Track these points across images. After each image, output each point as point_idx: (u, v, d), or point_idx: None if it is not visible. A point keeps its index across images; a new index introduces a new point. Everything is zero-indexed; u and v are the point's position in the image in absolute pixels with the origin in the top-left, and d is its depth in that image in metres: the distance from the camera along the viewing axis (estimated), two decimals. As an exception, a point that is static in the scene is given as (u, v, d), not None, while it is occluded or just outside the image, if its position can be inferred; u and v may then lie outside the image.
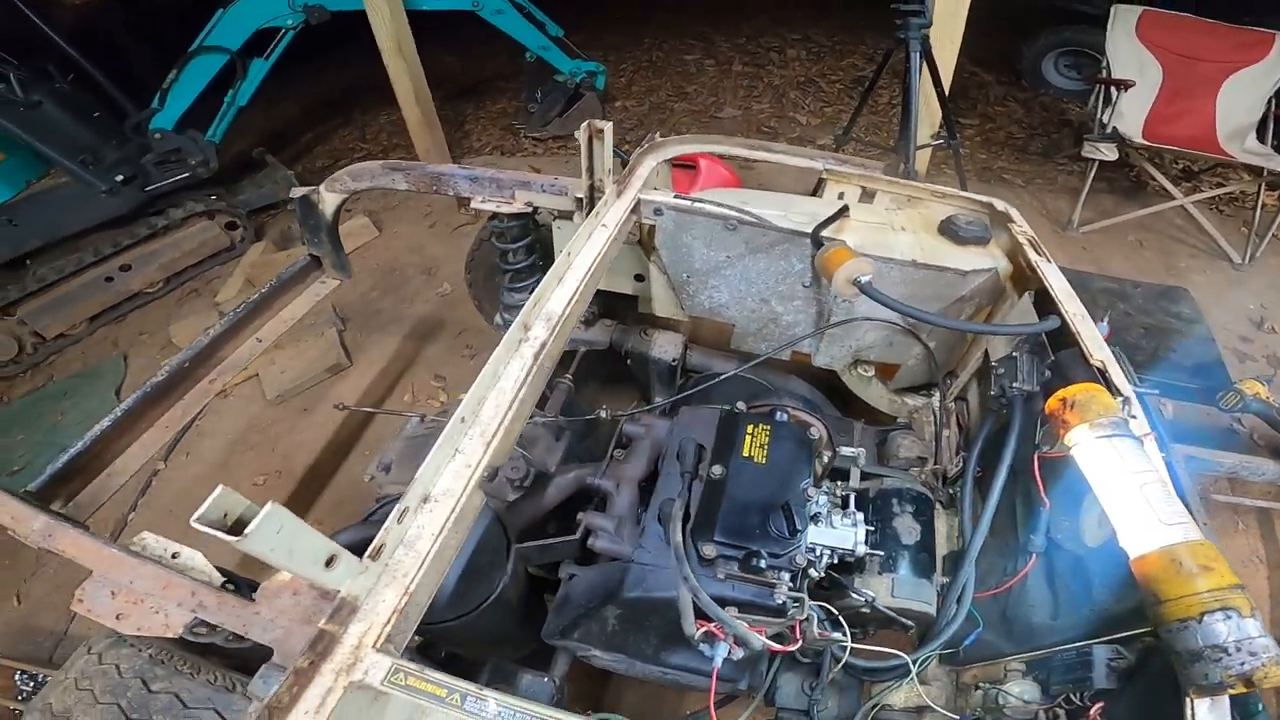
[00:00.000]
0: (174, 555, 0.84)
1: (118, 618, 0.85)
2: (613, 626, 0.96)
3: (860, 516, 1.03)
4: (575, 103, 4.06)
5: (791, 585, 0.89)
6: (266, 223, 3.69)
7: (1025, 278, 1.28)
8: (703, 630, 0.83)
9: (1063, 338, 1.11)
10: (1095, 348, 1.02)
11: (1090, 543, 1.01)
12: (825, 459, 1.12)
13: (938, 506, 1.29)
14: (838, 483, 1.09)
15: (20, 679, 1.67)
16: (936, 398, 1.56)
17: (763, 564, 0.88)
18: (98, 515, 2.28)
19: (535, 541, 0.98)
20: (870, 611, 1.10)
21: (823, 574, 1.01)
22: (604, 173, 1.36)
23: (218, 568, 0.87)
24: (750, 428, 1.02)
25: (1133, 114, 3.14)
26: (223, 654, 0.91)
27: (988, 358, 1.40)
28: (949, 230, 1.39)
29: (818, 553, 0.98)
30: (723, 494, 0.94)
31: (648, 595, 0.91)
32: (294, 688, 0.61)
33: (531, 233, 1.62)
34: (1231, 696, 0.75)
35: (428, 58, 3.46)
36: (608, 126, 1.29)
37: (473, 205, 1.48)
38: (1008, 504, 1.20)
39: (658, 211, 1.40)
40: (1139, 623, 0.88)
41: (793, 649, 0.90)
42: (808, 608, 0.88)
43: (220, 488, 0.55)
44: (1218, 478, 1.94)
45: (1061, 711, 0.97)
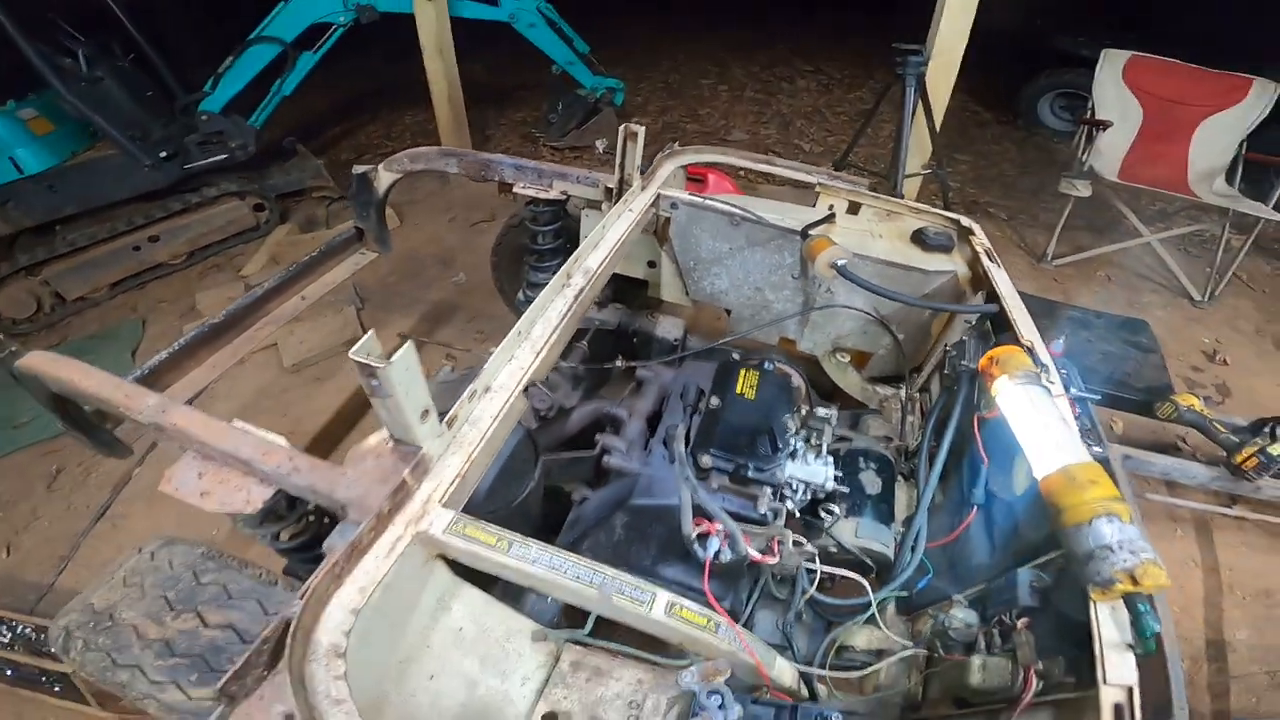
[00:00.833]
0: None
1: (202, 495, 1.02)
2: (619, 535, 1.18)
3: (831, 460, 1.27)
4: (593, 117, 4.38)
5: (772, 498, 1.11)
6: (290, 207, 3.94)
7: (980, 280, 1.54)
8: (699, 530, 1.05)
9: (1005, 326, 1.36)
10: (1026, 331, 1.28)
11: (1018, 491, 1.24)
12: (803, 411, 1.35)
13: (899, 477, 1.52)
14: (814, 432, 1.32)
15: (-2, 627, 1.68)
16: (904, 389, 1.81)
17: (749, 474, 1.11)
18: (105, 468, 2.42)
19: (559, 454, 1.20)
20: (837, 551, 1.32)
21: (799, 508, 1.23)
22: (634, 169, 1.62)
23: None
24: (743, 372, 1.27)
25: (1111, 154, 3.42)
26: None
27: (947, 353, 1.65)
28: (919, 239, 1.65)
29: (794, 485, 1.21)
30: (718, 419, 1.18)
31: (652, 502, 1.13)
32: (373, 532, 0.81)
33: (562, 219, 1.87)
34: (1125, 600, 0.91)
35: (457, 64, 3.76)
36: (640, 130, 1.56)
37: (515, 190, 1.74)
38: (956, 471, 1.43)
39: (674, 205, 1.66)
40: (1053, 548, 1.10)
41: (771, 561, 1.12)
42: (783, 524, 1.09)
43: (370, 333, 0.76)
44: (1152, 479, 2.17)
45: (995, 630, 1.13)
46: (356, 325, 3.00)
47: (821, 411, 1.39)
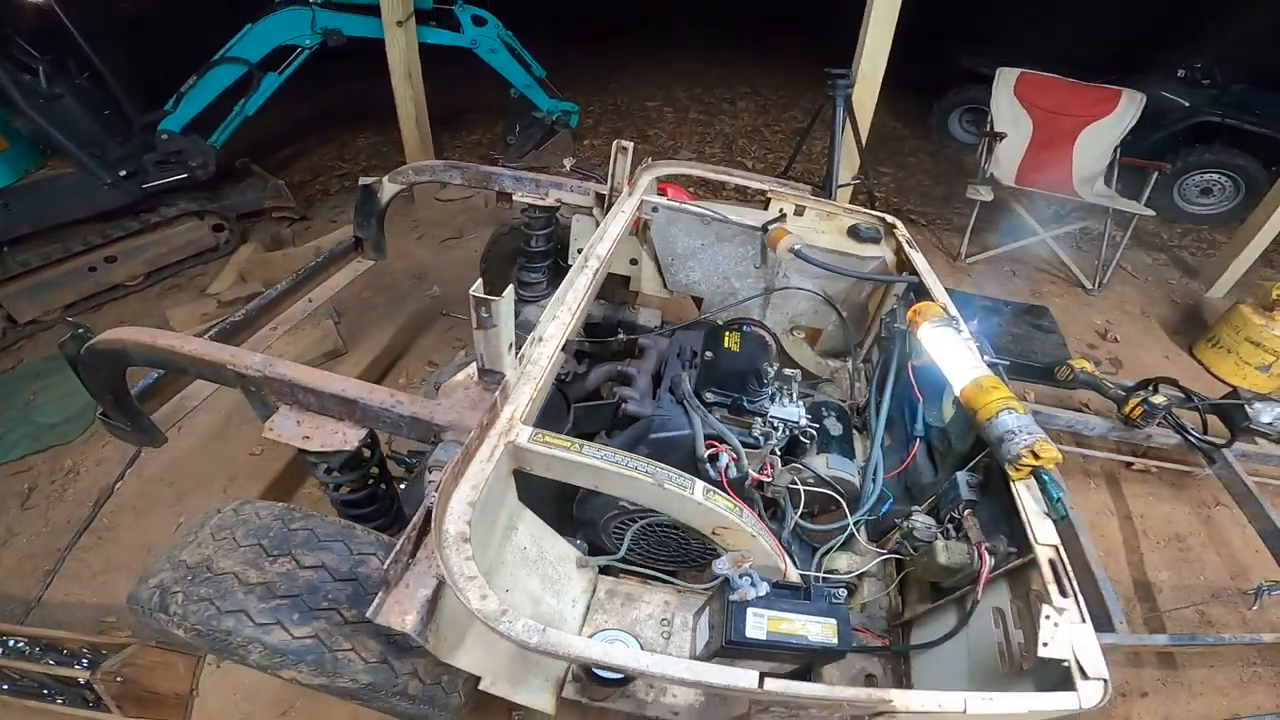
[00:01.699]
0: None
1: (305, 438, 1.24)
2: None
3: (802, 405, 1.60)
4: (550, 138, 4.71)
5: (763, 425, 1.43)
6: (250, 227, 4.02)
7: (903, 264, 1.94)
8: (710, 451, 1.35)
9: (924, 294, 1.75)
10: (939, 295, 1.67)
11: (947, 418, 1.60)
12: (775, 367, 1.69)
13: (854, 430, 1.88)
14: (784, 383, 1.65)
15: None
16: (851, 360, 2.19)
17: (745, 404, 1.42)
18: (82, 483, 2.46)
19: (586, 403, 1.48)
20: (814, 481, 1.64)
21: (780, 446, 1.54)
22: (622, 178, 1.94)
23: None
24: (727, 333, 1.61)
25: (1008, 162, 4.00)
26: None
27: (883, 321, 2.04)
28: (854, 233, 2.06)
29: (775, 424, 1.53)
30: (714, 366, 1.50)
31: (667, 434, 1.42)
32: (476, 442, 1.07)
33: (553, 225, 2.16)
34: (1036, 474, 1.18)
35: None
36: (630, 145, 1.89)
37: (515, 198, 2.02)
38: (900, 415, 1.80)
39: (655, 209, 1.99)
40: (979, 452, 1.44)
41: (767, 479, 1.42)
42: (773, 445, 1.41)
43: (479, 281, 1.01)
44: (1060, 432, 2.63)
45: (950, 525, 1.36)
46: (336, 337, 3.14)
47: (788, 371, 1.74)
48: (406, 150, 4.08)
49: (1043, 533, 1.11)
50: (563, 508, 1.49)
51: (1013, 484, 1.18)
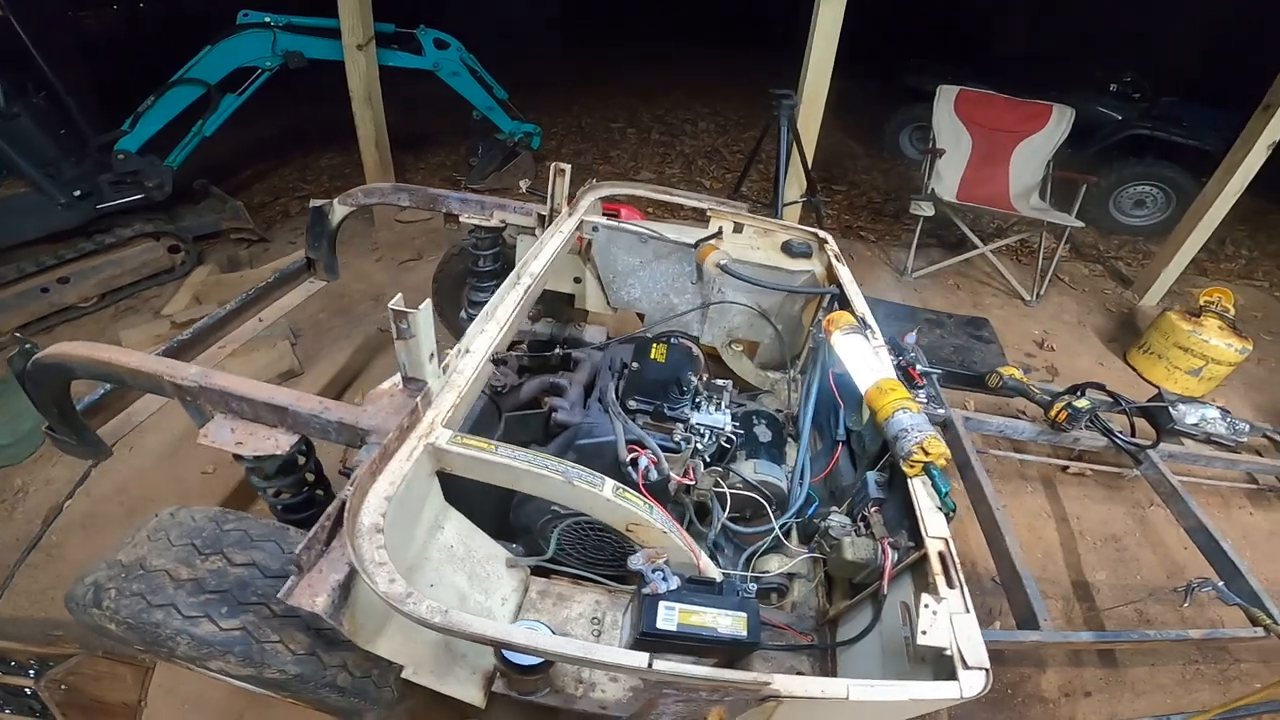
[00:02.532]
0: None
1: (238, 444, 1.31)
2: (567, 474, 1.56)
3: (729, 413, 1.73)
4: (512, 160, 4.85)
5: (684, 431, 1.55)
6: (207, 249, 4.07)
7: (832, 277, 2.10)
8: (631, 455, 1.46)
9: (845, 304, 1.91)
10: (858, 305, 1.82)
11: (864, 421, 1.74)
12: (704, 377, 1.81)
13: (788, 439, 2.01)
14: (714, 393, 1.78)
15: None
16: (788, 372, 2.34)
17: (666, 411, 1.54)
18: (31, 503, 2.49)
19: (517, 412, 1.59)
20: (741, 485, 1.76)
21: (707, 453, 1.66)
22: (563, 198, 2.08)
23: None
24: (655, 345, 1.73)
25: (949, 177, 4.20)
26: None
27: (810, 338, 2.19)
28: (787, 248, 2.21)
29: (700, 430, 1.65)
30: (640, 375, 1.62)
31: (594, 440, 1.52)
32: (395, 442, 1.16)
33: (499, 245, 2.28)
34: (927, 470, 1.25)
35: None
36: (568, 167, 2.02)
37: (461, 219, 2.14)
38: (826, 422, 1.93)
39: (595, 229, 2.13)
40: (886, 452, 1.58)
41: (688, 483, 1.53)
42: (694, 445, 1.53)
43: (399, 295, 1.12)
44: (994, 437, 2.80)
45: (860, 524, 1.45)
46: (292, 358, 3.20)
47: (719, 381, 1.86)
48: (366, 172, 4.19)
49: (934, 526, 1.19)
50: (506, 516, 1.59)
51: (909, 481, 1.27)
